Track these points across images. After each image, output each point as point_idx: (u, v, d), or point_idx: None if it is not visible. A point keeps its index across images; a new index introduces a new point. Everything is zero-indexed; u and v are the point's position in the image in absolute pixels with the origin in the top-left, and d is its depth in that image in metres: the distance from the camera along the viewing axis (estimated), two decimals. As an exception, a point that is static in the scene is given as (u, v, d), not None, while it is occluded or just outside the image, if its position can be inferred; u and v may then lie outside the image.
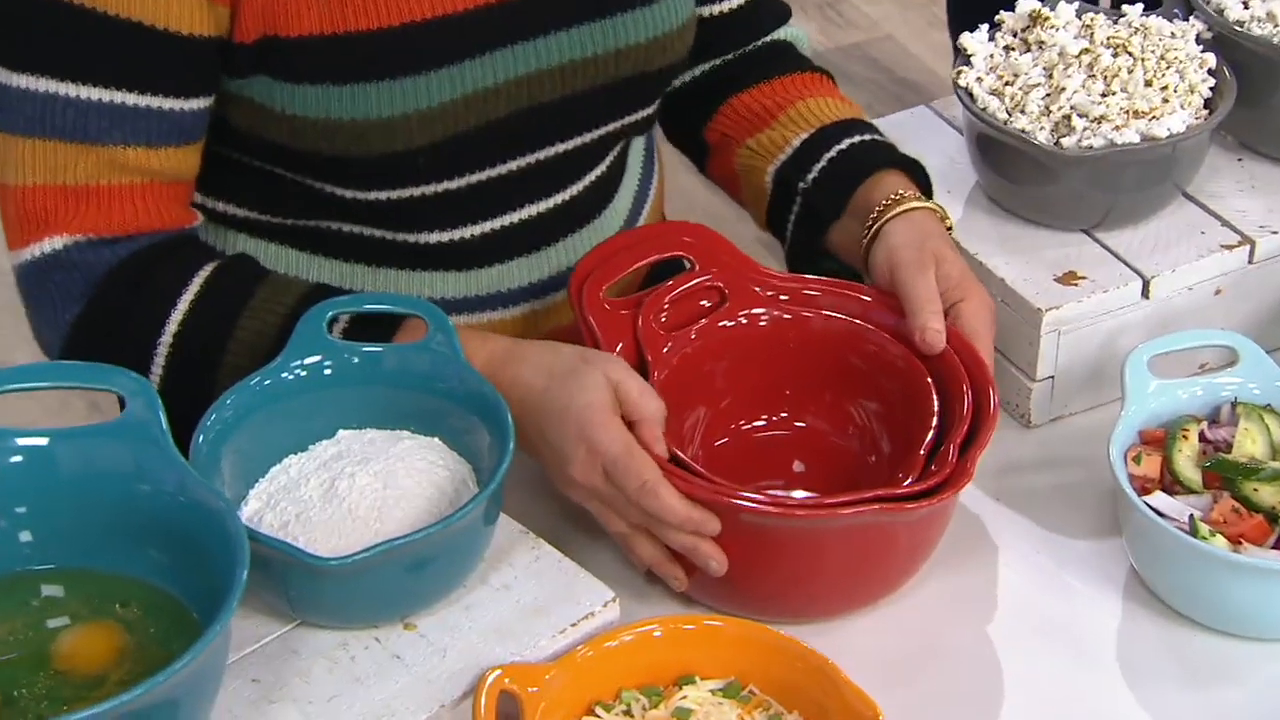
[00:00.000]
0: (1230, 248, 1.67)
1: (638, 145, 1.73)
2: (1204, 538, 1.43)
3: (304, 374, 1.40)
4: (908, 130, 1.81)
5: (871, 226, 1.57)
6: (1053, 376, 1.64)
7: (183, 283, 1.48)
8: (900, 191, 1.59)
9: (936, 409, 1.49)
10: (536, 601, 1.37)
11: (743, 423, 1.58)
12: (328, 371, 1.40)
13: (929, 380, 1.51)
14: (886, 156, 1.64)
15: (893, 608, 1.50)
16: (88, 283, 1.46)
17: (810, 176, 1.65)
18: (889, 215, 1.57)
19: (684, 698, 1.36)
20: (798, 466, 1.58)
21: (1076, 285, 1.64)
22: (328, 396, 1.42)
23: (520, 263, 1.63)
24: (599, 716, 1.34)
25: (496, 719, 1.29)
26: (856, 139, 1.66)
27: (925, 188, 1.65)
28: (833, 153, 1.65)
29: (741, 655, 1.37)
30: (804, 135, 1.67)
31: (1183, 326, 1.65)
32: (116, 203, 1.46)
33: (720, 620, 1.38)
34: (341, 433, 1.43)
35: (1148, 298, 1.65)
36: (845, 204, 1.62)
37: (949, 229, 1.60)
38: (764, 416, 1.58)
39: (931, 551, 1.50)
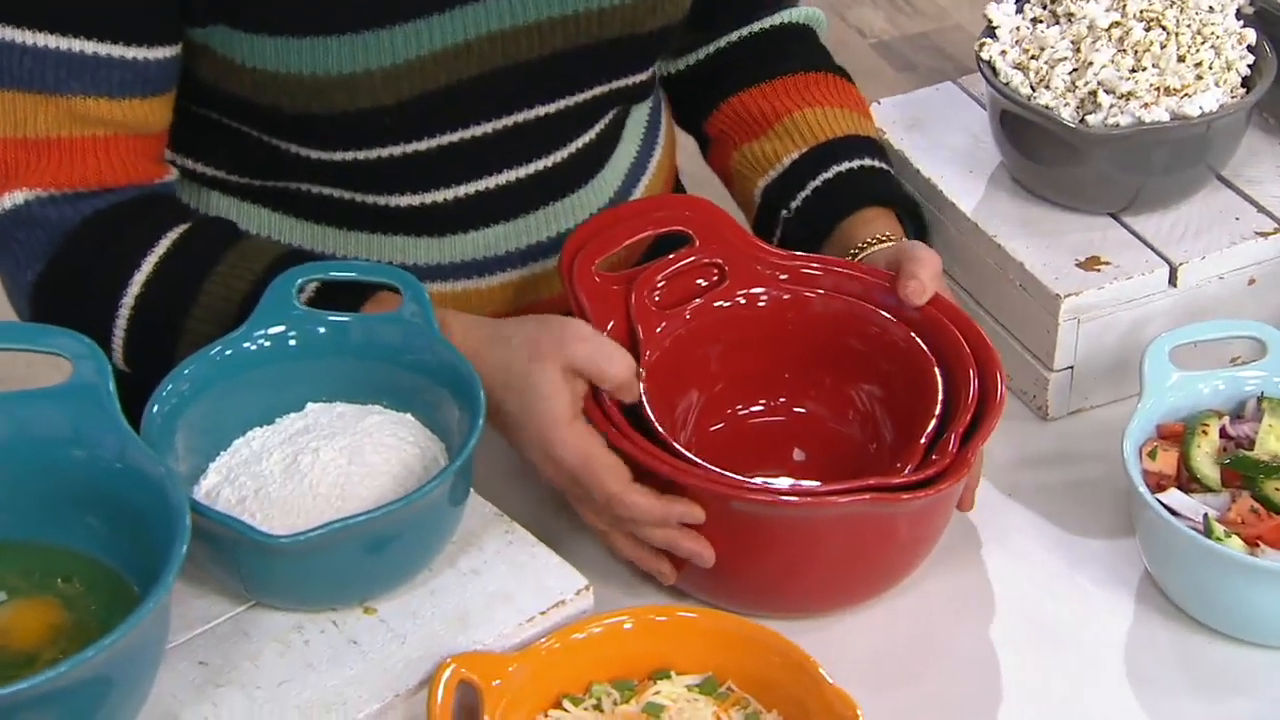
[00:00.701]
0: (1265, 235, 1.58)
1: (638, 115, 1.65)
2: (1219, 539, 1.34)
3: (268, 344, 1.33)
4: (932, 107, 1.73)
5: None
6: (1072, 367, 1.56)
7: (149, 243, 1.42)
8: (881, 235, 1.52)
9: (941, 395, 1.41)
10: (505, 588, 1.30)
11: (739, 408, 1.50)
12: (292, 342, 1.34)
13: (934, 365, 1.43)
14: (873, 192, 1.56)
15: (890, 605, 1.42)
16: (51, 240, 1.41)
17: (794, 204, 1.58)
18: (867, 254, 1.50)
19: (657, 692, 1.28)
20: (798, 455, 1.50)
21: (1099, 271, 1.55)
22: (297, 368, 1.35)
23: (498, 230, 1.55)
24: (566, 710, 1.27)
25: (453, 712, 1.22)
26: (846, 166, 1.58)
27: (918, 226, 1.59)
28: (819, 181, 1.58)
29: (719, 649, 1.29)
30: (795, 154, 1.60)
31: (1213, 317, 1.56)
32: (79, 156, 1.40)
33: (694, 612, 1.31)
34: (310, 406, 1.36)
35: (1175, 286, 1.56)
36: (825, 239, 1.55)
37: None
38: (762, 401, 1.51)
39: (932, 547, 1.42)
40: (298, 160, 1.48)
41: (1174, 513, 1.38)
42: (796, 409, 1.50)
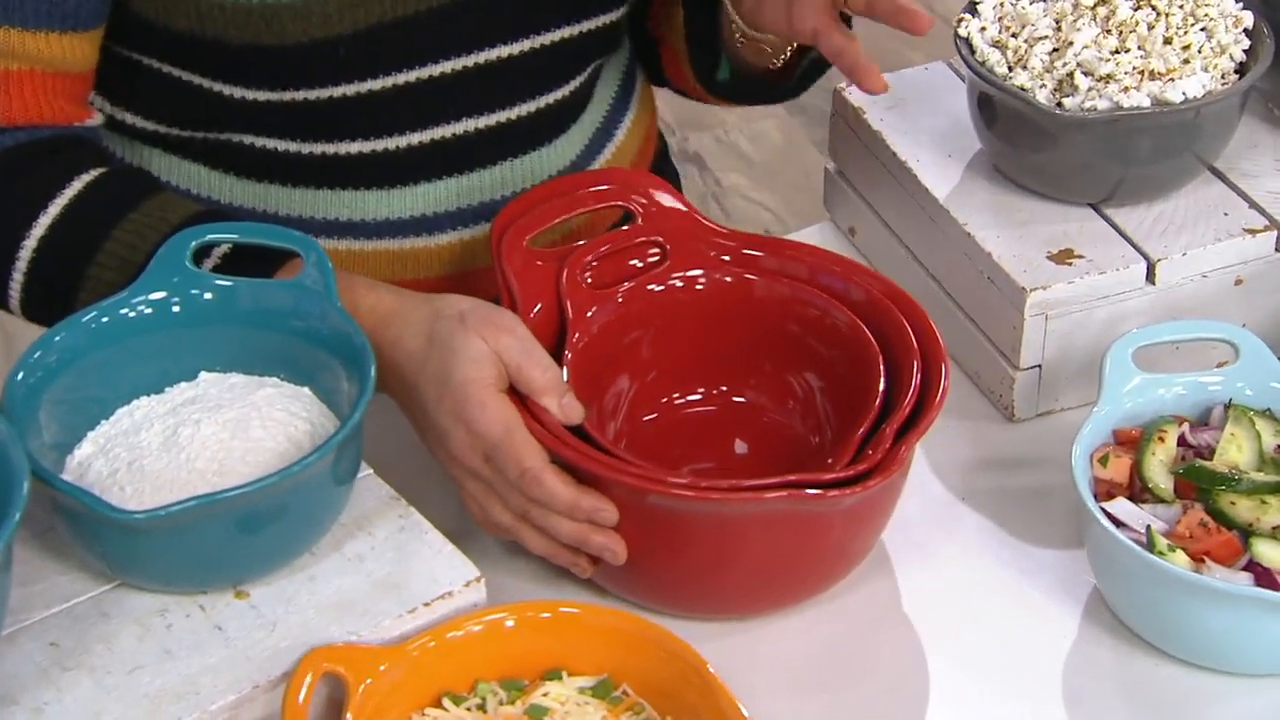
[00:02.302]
0: (1254, 232, 1.48)
1: (609, 78, 1.56)
2: (1160, 553, 1.25)
3: (149, 311, 1.26)
4: (919, 87, 1.63)
5: None
6: (1040, 366, 1.46)
7: (59, 185, 1.35)
8: None
9: (882, 388, 1.32)
10: (390, 576, 1.23)
11: (676, 396, 1.42)
12: (176, 309, 1.27)
13: (878, 356, 1.34)
14: None
15: (819, 610, 1.34)
16: None
17: None
18: None
19: (545, 694, 1.20)
20: (740, 447, 1.42)
21: (1071, 265, 1.46)
22: (191, 335, 1.28)
23: (449, 184, 1.47)
24: (444, 709, 1.20)
25: (316, 707, 1.15)
26: None
27: None
28: None
29: (616, 649, 1.21)
30: None
31: (1196, 318, 1.46)
32: None
33: (580, 608, 1.22)
34: (204, 375, 1.29)
35: (1154, 283, 1.46)
36: None
37: None
38: (700, 390, 1.42)
39: (866, 548, 1.34)
40: (241, 106, 1.41)
41: (1120, 523, 1.28)
42: (736, 398, 1.42)
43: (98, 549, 1.18)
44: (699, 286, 1.39)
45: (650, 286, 1.38)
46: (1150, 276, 1.46)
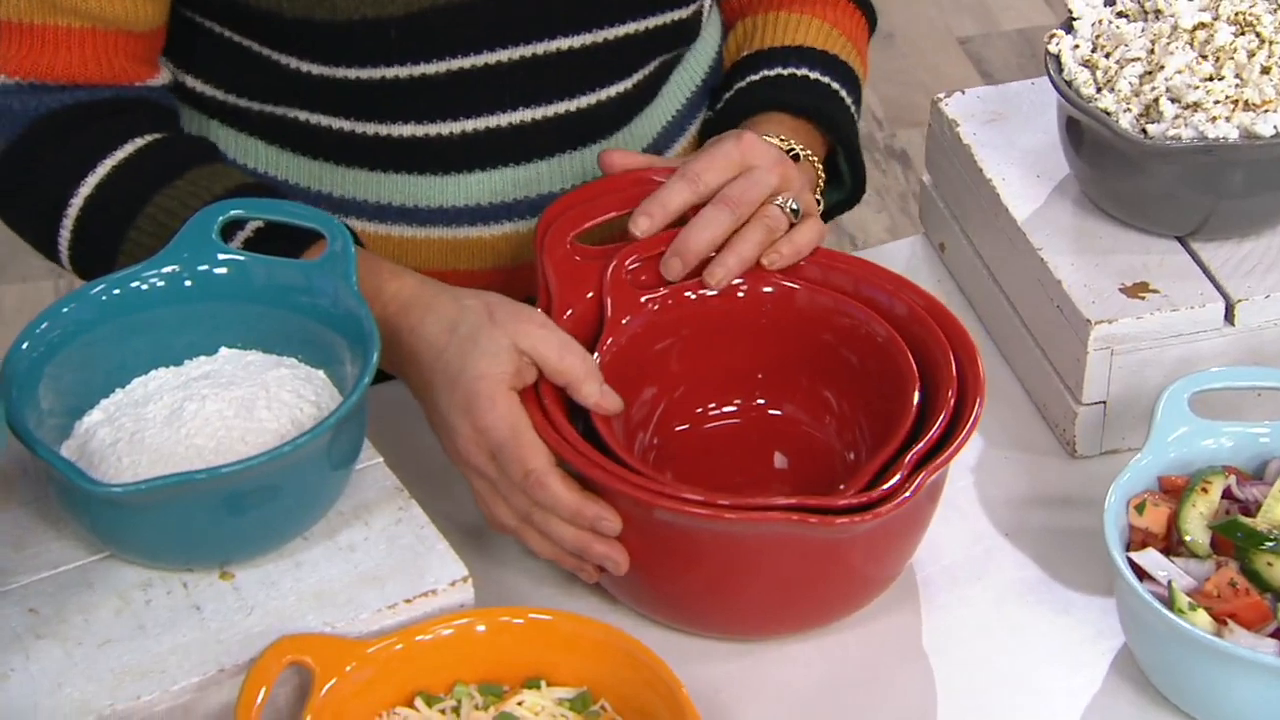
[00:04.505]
0: (1347, 279, 1.40)
1: (686, 75, 1.52)
2: (1179, 610, 1.18)
3: (161, 284, 1.25)
4: (1022, 102, 1.56)
5: None
6: (1104, 402, 1.40)
7: (112, 145, 1.36)
8: (772, 135, 1.41)
9: (916, 407, 1.28)
10: (378, 569, 1.21)
11: (711, 407, 1.38)
12: (188, 283, 1.25)
13: (915, 376, 1.29)
14: (783, 99, 1.45)
15: (835, 637, 1.30)
16: (14, 127, 1.36)
17: (717, 106, 1.50)
18: None
19: (520, 702, 1.18)
20: (779, 462, 1.37)
21: (1143, 299, 1.39)
22: (212, 309, 1.27)
23: (506, 174, 1.44)
24: (415, 709, 1.17)
25: (272, 695, 1.13)
26: (774, 72, 1.47)
27: (852, 164, 1.48)
28: (741, 84, 1.48)
29: (595, 661, 1.18)
30: (744, 54, 1.51)
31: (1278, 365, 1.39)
32: (52, 46, 1.34)
33: (551, 615, 1.19)
34: (224, 351, 1.28)
35: (1232, 324, 1.39)
36: None
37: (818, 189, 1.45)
38: (736, 401, 1.38)
39: (886, 577, 1.29)
40: (296, 77, 1.39)
41: (1146, 575, 1.22)
42: (773, 411, 1.38)
43: (85, 520, 1.18)
44: (740, 295, 1.35)
45: (687, 294, 1.34)
46: (1229, 317, 1.39)
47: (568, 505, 1.23)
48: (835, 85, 1.49)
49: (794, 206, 1.35)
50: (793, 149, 1.43)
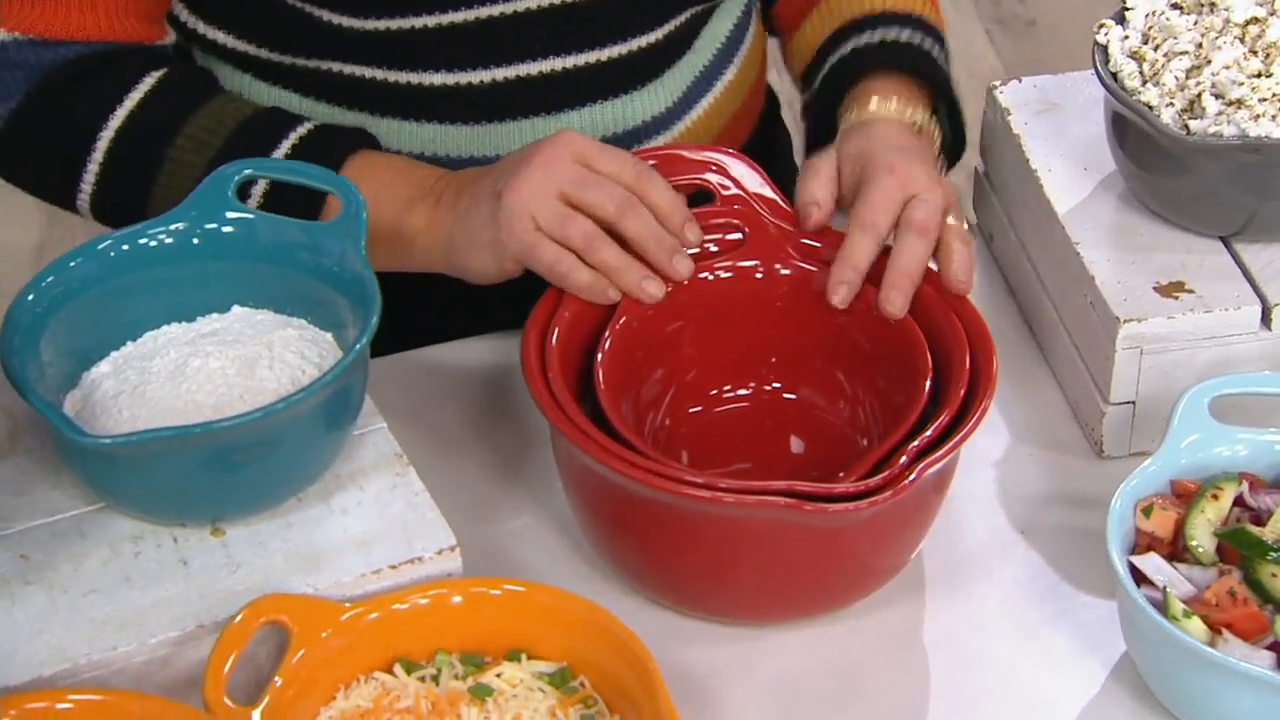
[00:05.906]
0: (1388, 289, 1.36)
1: (715, 26, 1.50)
2: (1173, 617, 1.16)
3: (170, 240, 1.26)
4: (1077, 92, 1.53)
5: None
6: (1133, 402, 1.37)
7: (135, 79, 1.38)
8: (874, 99, 1.39)
9: (926, 396, 1.26)
10: (366, 533, 1.21)
11: (726, 389, 1.37)
12: (196, 240, 1.26)
13: (928, 364, 1.27)
14: (884, 59, 1.42)
15: (835, 626, 1.28)
16: (28, 80, 1.37)
17: (814, 87, 1.47)
18: (845, 125, 1.38)
19: (498, 674, 1.17)
20: (796, 446, 1.36)
21: (1177, 299, 1.36)
22: (222, 267, 1.27)
23: (534, 124, 1.44)
24: (394, 675, 1.17)
25: (235, 658, 1.13)
26: (867, 40, 1.44)
27: (954, 119, 1.44)
28: (836, 58, 1.46)
29: (575, 636, 1.17)
30: (826, 34, 1.48)
31: (1316, 372, 1.35)
32: (65, 4, 1.36)
33: (525, 586, 1.18)
34: (236, 309, 1.29)
35: (1269, 328, 1.36)
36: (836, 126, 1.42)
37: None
38: (750, 384, 1.37)
39: (889, 568, 1.27)
40: (327, 29, 1.40)
41: (1146, 579, 1.19)
42: (788, 394, 1.36)
43: (80, 471, 1.19)
44: (758, 276, 1.34)
45: (702, 275, 1.33)
46: (1266, 321, 1.36)
47: (669, 197, 1.30)
48: (927, 44, 1.47)
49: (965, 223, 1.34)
50: (915, 121, 1.41)
